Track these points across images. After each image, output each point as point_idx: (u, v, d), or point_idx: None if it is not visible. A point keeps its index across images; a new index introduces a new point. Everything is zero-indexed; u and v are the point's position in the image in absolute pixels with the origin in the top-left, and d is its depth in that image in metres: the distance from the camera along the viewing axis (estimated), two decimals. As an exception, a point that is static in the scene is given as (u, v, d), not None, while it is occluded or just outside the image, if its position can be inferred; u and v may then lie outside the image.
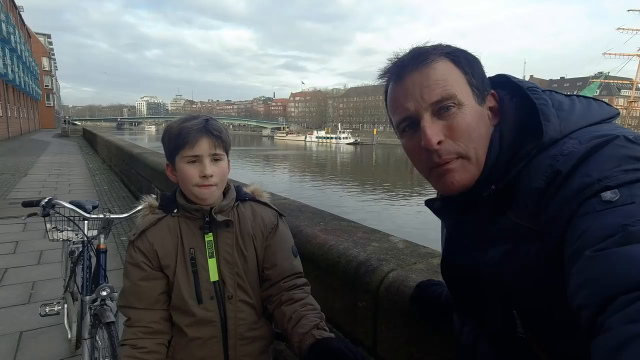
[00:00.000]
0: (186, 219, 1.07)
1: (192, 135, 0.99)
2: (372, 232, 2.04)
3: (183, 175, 1.01)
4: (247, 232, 1.10)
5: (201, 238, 1.05)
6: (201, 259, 1.05)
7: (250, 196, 1.17)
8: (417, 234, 10.24)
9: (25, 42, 41.18)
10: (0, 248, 4.09)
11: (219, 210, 1.06)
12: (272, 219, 1.15)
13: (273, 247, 1.12)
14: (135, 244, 1.05)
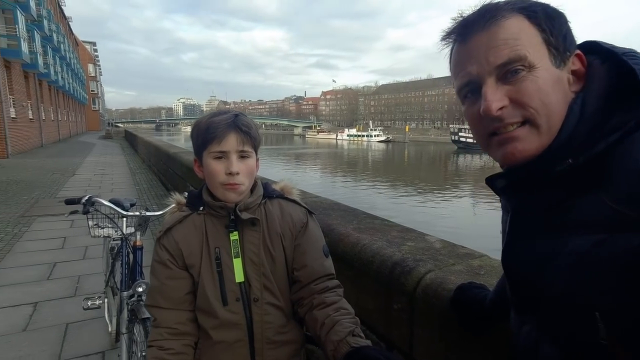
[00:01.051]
0: (212, 217, 1.04)
1: (220, 130, 0.96)
2: (407, 231, 1.96)
3: (209, 171, 0.99)
4: (275, 231, 1.05)
5: (226, 237, 1.02)
6: (226, 258, 1.01)
7: (279, 193, 1.12)
8: (451, 233, 9.93)
9: (74, 50, 43.88)
10: (51, 243, 4.35)
11: (245, 208, 1.02)
12: (302, 217, 1.10)
13: (303, 246, 1.07)
14: (161, 241, 1.03)
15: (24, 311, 2.79)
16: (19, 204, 6.50)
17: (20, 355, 2.25)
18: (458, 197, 16.50)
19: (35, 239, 4.52)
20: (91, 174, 10.72)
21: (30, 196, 7.17)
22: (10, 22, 16.38)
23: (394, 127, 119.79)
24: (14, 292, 3.12)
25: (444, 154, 49.91)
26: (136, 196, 7.47)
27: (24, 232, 4.79)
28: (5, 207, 6.15)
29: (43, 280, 3.36)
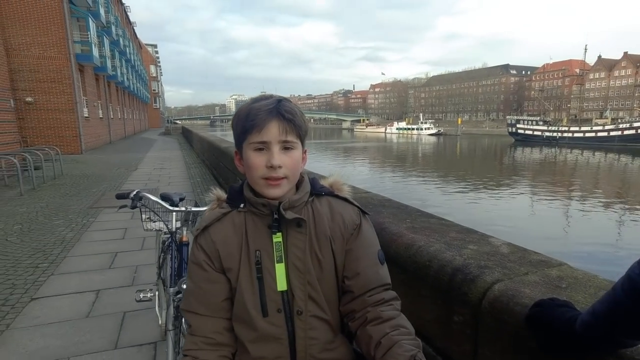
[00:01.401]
0: (253, 216, 0.92)
1: (260, 117, 0.85)
2: (468, 232, 1.76)
3: (249, 165, 0.88)
4: (324, 233, 0.92)
5: (269, 238, 0.90)
6: (268, 263, 0.90)
7: (328, 190, 0.99)
8: (510, 232, 9.25)
9: (138, 53, 47.14)
10: (113, 234, 4.64)
11: (290, 206, 0.90)
12: (354, 217, 0.96)
13: (355, 252, 0.93)
14: (198, 240, 0.94)
15: (87, 298, 2.97)
16: (89, 196, 7.05)
17: (82, 341, 2.38)
18: (515, 194, 15.38)
19: (101, 229, 4.85)
20: (151, 168, 11.41)
21: (98, 189, 7.77)
22: (83, 30, 17.89)
23: (446, 119, 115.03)
24: (80, 279, 3.34)
25: (500, 147, 46.97)
26: (190, 189, 7.81)
27: (92, 223, 5.16)
28: (77, 199, 6.71)
29: (105, 269, 3.58)
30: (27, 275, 3.39)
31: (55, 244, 4.26)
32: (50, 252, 4.00)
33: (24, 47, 13.72)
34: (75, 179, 8.92)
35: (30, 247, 4.15)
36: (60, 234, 4.64)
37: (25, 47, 13.76)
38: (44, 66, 14.23)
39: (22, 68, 13.74)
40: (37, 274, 3.41)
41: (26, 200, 6.56)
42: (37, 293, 3.05)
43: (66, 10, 14.58)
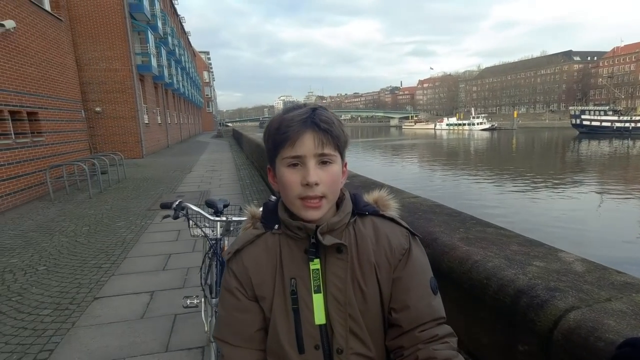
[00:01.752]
0: (288, 239, 0.83)
1: (293, 129, 0.76)
2: (532, 245, 1.57)
3: (283, 183, 0.79)
4: (368, 260, 0.81)
5: (305, 265, 0.81)
6: (304, 293, 0.80)
7: (372, 208, 0.88)
8: (574, 238, 8.43)
9: (192, 61, 49.76)
10: (167, 236, 4.87)
11: (328, 230, 0.80)
12: (402, 241, 0.84)
13: (405, 281, 0.82)
14: (230, 265, 0.86)
15: (143, 299, 3.12)
16: (147, 198, 7.51)
17: (136, 342, 2.48)
18: (582, 192, 14.04)
19: (157, 231, 5.12)
20: (204, 170, 11.94)
21: (156, 191, 8.26)
22: (143, 42, 19.21)
23: (500, 113, 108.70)
24: (137, 280, 3.52)
25: (562, 141, 43.34)
26: (239, 191, 8.02)
27: (149, 224, 5.47)
28: (137, 202, 7.16)
29: (159, 270, 3.75)
30: (91, 275, 3.64)
31: (116, 245, 4.56)
32: (112, 252, 4.28)
33: (93, 62, 15.04)
34: (136, 182, 9.56)
35: (95, 247, 4.47)
36: (122, 235, 4.96)
37: (94, 61, 15.08)
38: (110, 78, 15.47)
39: (92, 81, 15.07)
40: (100, 274, 3.65)
41: (94, 203, 7.13)
42: (99, 293, 3.26)
43: (128, 26, 15.72)
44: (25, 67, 7.76)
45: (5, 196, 6.66)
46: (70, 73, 10.32)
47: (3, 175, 6.65)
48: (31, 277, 3.62)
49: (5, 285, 3.44)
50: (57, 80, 9.38)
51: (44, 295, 3.23)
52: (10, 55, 7.23)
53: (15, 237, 4.96)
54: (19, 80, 7.51)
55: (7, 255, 4.25)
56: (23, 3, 7.89)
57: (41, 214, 6.30)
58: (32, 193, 7.55)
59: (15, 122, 7.40)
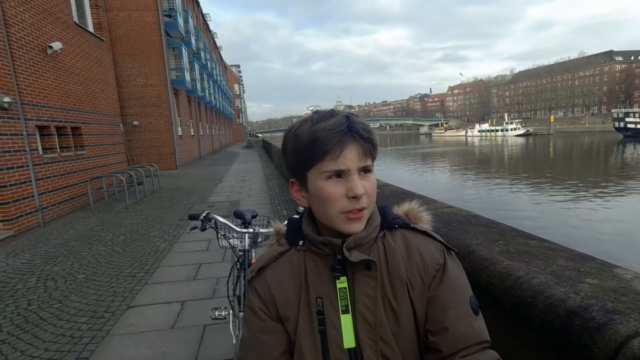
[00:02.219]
0: (313, 255, 0.78)
1: (334, 140, 0.69)
2: (582, 260, 1.43)
3: (322, 197, 0.72)
4: (399, 277, 0.75)
5: (331, 283, 0.75)
6: (331, 314, 0.74)
7: (403, 221, 0.81)
8: (623, 245, 7.84)
9: (223, 74, 51.44)
10: (198, 245, 4.95)
11: (355, 245, 0.74)
12: (436, 255, 0.77)
13: (441, 299, 0.74)
14: (253, 283, 0.82)
15: (174, 309, 3.16)
16: (180, 208, 7.72)
17: (167, 352, 2.51)
18: (626, 198, 13.12)
19: (189, 241, 5.22)
20: (234, 180, 12.17)
21: (188, 201, 8.48)
22: (177, 58, 20.07)
23: (535, 118, 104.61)
24: (169, 289, 3.59)
25: (605, 145, 40.94)
26: (268, 201, 8.09)
27: (181, 234, 5.60)
28: (171, 211, 7.37)
29: (190, 280, 3.80)
30: (126, 283, 3.75)
31: (150, 254, 4.68)
32: (146, 261, 4.40)
33: (131, 78, 15.86)
34: (170, 193, 9.87)
35: (130, 256, 4.61)
36: (155, 244, 5.10)
37: (133, 78, 15.89)
38: (147, 93, 16.24)
39: (130, 96, 15.87)
40: (134, 283, 3.75)
41: (130, 213, 7.41)
42: (133, 301, 3.34)
43: (164, 43, 16.49)
44: (70, 85, 8.26)
45: (51, 207, 7.05)
46: (110, 89, 10.90)
47: (49, 187, 7.06)
48: (71, 285, 3.78)
49: (47, 293, 3.60)
50: (99, 97, 9.92)
51: (82, 302, 3.35)
52: (57, 74, 7.73)
53: (58, 246, 5.22)
54: (65, 98, 8.00)
55: (50, 264, 4.47)
56: (69, 26, 8.45)
57: (82, 224, 6.61)
58: (75, 203, 7.96)
59: (61, 137, 7.87)
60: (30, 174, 6.50)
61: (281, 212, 7.04)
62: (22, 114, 6.39)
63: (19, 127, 6.31)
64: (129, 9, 15.50)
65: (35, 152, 6.75)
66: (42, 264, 4.46)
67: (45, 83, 7.22)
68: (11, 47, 6.24)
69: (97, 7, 10.44)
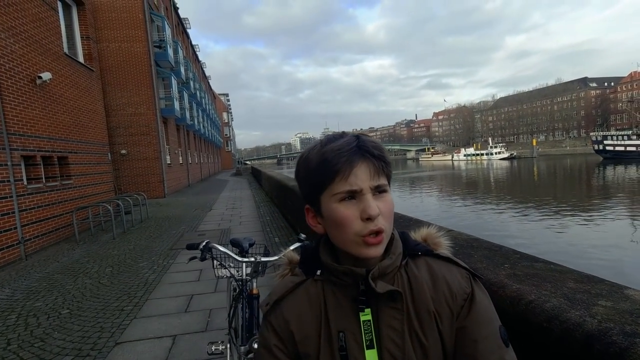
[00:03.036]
0: (332, 286, 0.74)
1: (343, 159, 0.67)
2: (591, 281, 1.41)
3: (336, 220, 0.69)
4: (426, 308, 0.70)
5: (354, 317, 0.71)
6: (355, 349, 0.69)
7: (425, 248, 0.77)
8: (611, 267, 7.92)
9: (212, 103, 51.90)
10: (189, 276, 4.80)
11: (380, 274, 0.70)
12: (463, 284, 0.73)
13: (471, 331, 0.70)
14: (268, 318, 0.77)
15: (165, 343, 3.00)
16: (169, 237, 7.53)
17: (158, 392, 2.35)
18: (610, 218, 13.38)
19: (179, 271, 5.06)
20: (224, 208, 12.01)
21: (177, 230, 8.29)
22: (167, 87, 20.22)
23: (518, 141, 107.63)
24: (159, 323, 3.42)
25: (586, 167, 42.11)
26: (260, 229, 7.97)
27: (171, 264, 5.43)
28: (160, 241, 7.18)
29: (181, 312, 3.64)
30: (113, 318, 3.57)
31: (139, 286, 4.50)
32: (135, 294, 4.22)
33: (120, 107, 15.85)
34: (159, 221, 9.66)
35: (118, 289, 4.43)
36: (144, 276, 4.92)
37: (122, 107, 15.89)
38: (136, 122, 16.20)
39: (119, 125, 15.81)
40: (122, 317, 3.57)
41: (117, 243, 7.19)
42: (121, 337, 3.17)
43: (154, 73, 16.63)
44: (58, 115, 8.19)
45: (34, 238, 6.80)
46: (99, 118, 10.84)
47: (33, 218, 6.84)
48: (54, 321, 3.58)
49: (28, 330, 3.40)
50: (87, 126, 9.84)
51: (65, 340, 3.16)
52: (46, 104, 7.67)
53: (40, 280, 4.99)
54: (52, 127, 7.91)
55: (32, 299, 4.25)
56: (59, 57, 8.47)
57: (66, 256, 6.37)
58: (59, 235, 7.70)
59: (47, 167, 7.71)
60: (13, 205, 6.29)
61: (273, 239, 6.92)
62: (7, 144, 6.27)
63: (3, 157, 6.17)
64: (119, 40, 15.71)
65: (19, 183, 6.58)
66: (24, 300, 4.24)
67: (33, 113, 7.14)
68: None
69: (87, 38, 10.54)
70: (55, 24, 8.41)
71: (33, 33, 7.35)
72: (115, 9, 15.60)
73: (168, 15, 22.96)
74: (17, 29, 6.79)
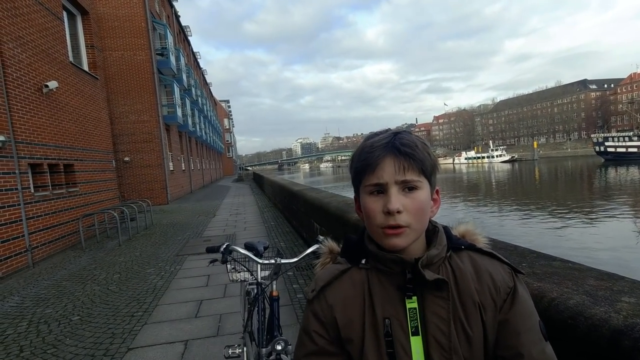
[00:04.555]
0: (378, 274, 0.76)
1: (374, 154, 0.72)
2: (611, 279, 1.42)
3: (366, 211, 0.74)
4: (471, 299, 0.72)
5: (400, 304, 0.73)
6: (401, 335, 0.71)
7: (468, 243, 0.80)
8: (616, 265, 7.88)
9: (213, 109, 52.09)
10: (197, 281, 4.80)
11: (428, 263, 0.73)
12: (506, 279, 0.75)
13: (513, 324, 0.72)
14: (312, 305, 0.79)
15: (177, 349, 3.00)
16: (175, 243, 7.54)
17: (174, 396, 2.34)
18: (613, 219, 13.35)
19: (187, 277, 5.06)
20: (228, 214, 12.02)
21: (183, 236, 8.30)
22: (169, 94, 20.34)
23: (519, 144, 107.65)
24: (170, 328, 3.42)
25: (587, 169, 42.04)
26: (265, 233, 7.97)
27: (178, 270, 5.43)
28: (166, 247, 7.19)
29: (192, 317, 3.64)
30: (124, 324, 3.57)
31: (147, 292, 4.51)
32: (144, 300, 4.22)
33: (124, 115, 15.95)
34: (164, 228, 9.67)
35: (127, 295, 4.43)
36: (152, 282, 4.92)
37: (125, 115, 15.99)
38: (139, 129, 16.28)
39: (122, 132, 15.90)
40: (132, 323, 3.58)
41: (124, 250, 7.20)
42: (133, 343, 3.17)
43: (156, 80, 16.75)
44: (64, 123, 8.25)
45: (41, 246, 6.82)
46: (103, 126, 10.90)
47: (40, 225, 6.86)
48: (65, 327, 3.58)
49: (40, 337, 3.40)
50: (92, 134, 9.90)
51: (78, 347, 3.16)
52: (52, 112, 7.73)
53: (49, 287, 5.00)
54: (59, 135, 7.96)
55: (42, 306, 4.26)
56: (65, 65, 8.55)
57: (73, 263, 6.38)
58: (65, 242, 7.72)
59: (53, 174, 7.74)
60: (21, 212, 6.32)
61: (279, 244, 6.92)
62: (15, 152, 6.31)
63: (11, 165, 6.21)
64: (123, 48, 15.85)
65: (27, 191, 6.61)
66: (33, 307, 4.25)
67: (39, 121, 7.20)
68: (7, 87, 6.25)
69: (92, 47, 10.64)
70: (60, 33, 8.49)
71: (40, 42, 7.42)
72: (118, 17, 15.76)
73: (170, 23, 23.15)
74: (24, 38, 6.87)
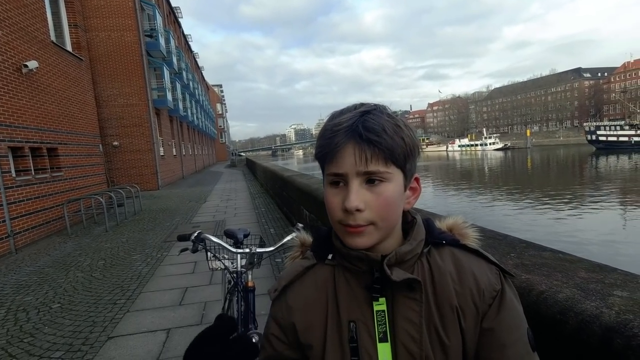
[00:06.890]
0: (345, 272, 0.66)
1: (333, 140, 0.60)
2: (603, 271, 1.35)
3: (326, 205, 0.63)
4: (449, 302, 0.62)
5: (367, 306, 0.63)
6: (367, 341, 0.62)
7: (451, 237, 0.69)
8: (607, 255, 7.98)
9: (205, 94, 51.29)
10: (184, 268, 4.71)
11: (397, 261, 0.63)
12: (493, 281, 0.64)
13: (498, 334, 0.61)
14: (273, 306, 0.71)
15: (159, 337, 2.93)
16: (164, 229, 7.43)
17: (152, 387, 2.28)
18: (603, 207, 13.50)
19: (173, 263, 4.97)
20: (219, 200, 11.90)
21: (171, 222, 8.18)
22: (159, 77, 19.87)
23: (512, 132, 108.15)
24: (153, 316, 3.35)
25: (579, 157, 42.47)
26: (255, 220, 7.88)
27: (165, 257, 5.34)
28: (154, 234, 7.08)
29: (176, 305, 3.57)
30: (105, 312, 3.48)
31: (132, 279, 4.42)
32: (128, 287, 4.13)
33: (111, 98, 15.54)
34: (152, 214, 9.53)
35: (110, 282, 4.34)
36: (137, 269, 4.83)
37: (113, 98, 15.58)
38: (127, 113, 15.92)
39: (110, 117, 15.52)
40: (114, 311, 3.49)
41: (110, 236, 7.07)
42: (114, 331, 3.09)
43: (145, 63, 16.30)
44: (46, 105, 7.98)
45: (24, 232, 6.66)
46: (89, 109, 10.61)
47: (22, 210, 6.69)
48: (44, 315, 3.49)
49: (17, 326, 3.31)
50: (77, 117, 9.62)
51: (56, 335, 3.08)
52: (33, 94, 7.46)
53: (31, 274, 4.88)
54: (41, 118, 7.71)
55: (22, 293, 4.15)
56: (46, 45, 8.22)
57: (58, 249, 6.25)
58: (50, 228, 7.56)
59: (35, 158, 7.53)
60: (1, 197, 6.14)
61: (269, 230, 6.85)
62: (-6, 134, 6.09)
63: (-10, 148, 6.00)
64: (109, 29, 15.33)
65: (7, 175, 6.41)
66: (13, 294, 4.14)
67: (19, 103, 6.94)
68: (-16, 66, 5.98)
69: (75, 26, 10.25)
70: (41, 10, 8.14)
71: (18, 20, 7.10)
72: (104, -4, 15.21)
73: (159, 3, 22.47)
74: (0, 15, 6.55)
